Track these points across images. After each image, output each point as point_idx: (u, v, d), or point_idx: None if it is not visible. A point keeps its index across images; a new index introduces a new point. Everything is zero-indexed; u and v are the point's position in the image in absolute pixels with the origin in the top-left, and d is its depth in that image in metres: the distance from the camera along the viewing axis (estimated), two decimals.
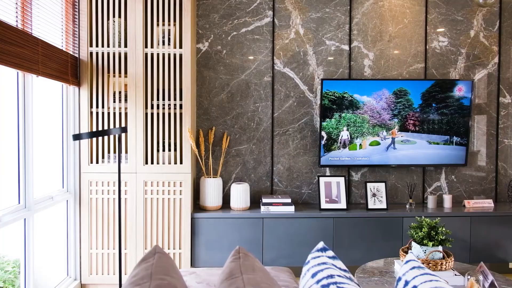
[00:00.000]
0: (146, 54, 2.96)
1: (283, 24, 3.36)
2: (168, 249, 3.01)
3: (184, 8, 2.95)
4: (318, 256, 1.20)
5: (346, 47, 3.39)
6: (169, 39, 2.98)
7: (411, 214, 3.14)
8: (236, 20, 3.34)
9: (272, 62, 3.36)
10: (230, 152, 3.38)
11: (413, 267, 1.14)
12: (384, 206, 3.21)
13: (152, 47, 2.97)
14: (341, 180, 3.25)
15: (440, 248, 2.09)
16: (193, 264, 3.05)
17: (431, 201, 3.29)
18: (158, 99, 2.99)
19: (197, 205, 3.25)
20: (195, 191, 3.24)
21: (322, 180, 3.25)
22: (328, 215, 3.10)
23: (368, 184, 3.25)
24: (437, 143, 3.31)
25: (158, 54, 2.97)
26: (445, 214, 3.17)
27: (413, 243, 2.15)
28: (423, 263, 2.05)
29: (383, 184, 3.25)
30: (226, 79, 3.35)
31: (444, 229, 2.09)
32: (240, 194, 3.16)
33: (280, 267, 2.16)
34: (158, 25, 3.00)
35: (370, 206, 3.21)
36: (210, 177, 3.19)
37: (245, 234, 3.06)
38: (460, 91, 3.29)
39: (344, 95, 3.17)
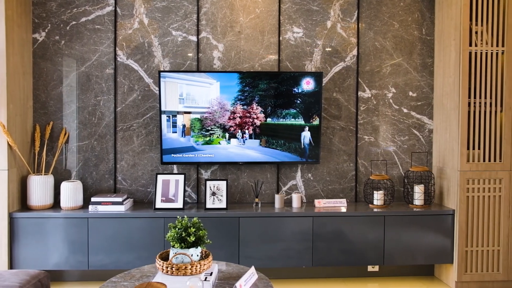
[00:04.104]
0: None
1: (126, 14, 3.19)
2: None
3: None
4: None
5: (194, 38, 3.22)
6: None
7: (248, 213, 2.96)
8: (75, 8, 3.16)
9: (115, 54, 3.18)
10: (70, 148, 3.19)
11: None
12: (223, 205, 3.03)
13: None
14: (181, 178, 3.07)
15: (191, 251, 1.91)
16: (13, 265, 2.87)
17: (277, 201, 3.12)
18: None
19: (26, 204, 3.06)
20: (24, 190, 3.05)
21: (160, 178, 3.07)
22: (159, 215, 2.93)
23: (208, 182, 3.07)
24: (286, 145, 3.14)
25: None
26: (285, 214, 2.98)
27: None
28: (167, 267, 1.88)
29: (224, 182, 3.08)
30: (65, 71, 3.17)
31: (194, 229, 1.91)
32: (70, 192, 2.98)
33: (27, 271, 1.98)
34: None
35: (209, 205, 3.03)
36: (40, 175, 3.01)
37: (70, 235, 2.88)
38: (308, 84, 3.12)
39: (166, 77, 2.98)
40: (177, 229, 1.92)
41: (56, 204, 3.09)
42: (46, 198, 2.99)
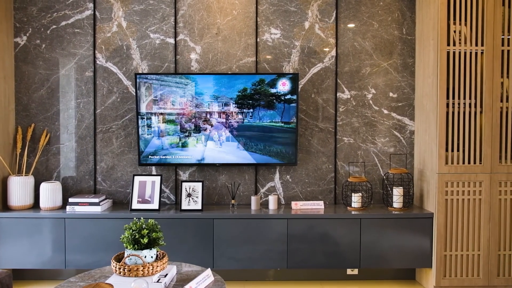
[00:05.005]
0: None
1: (104, 17, 3.23)
2: None
3: None
4: None
5: (172, 41, 3.24)
6: None
7: (222, 215, 2.96)
8: (55, 13, 3.22)
9: (94, 57, 3.23)
10: (51, 150, 3.25)
11: None
12: (199, 207, 3.05)
13: None
14: (157, 179, 3.10)
15: (144, 252, 1.92)
16: None
17: (253, 202, 3.11)
18: None
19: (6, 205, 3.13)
20: (4, 190, 3.12)
21: (137, 179, 3.10)
22: (135, 216, 2.95)
23: (184, 184, 3.09)
24: (265, 147, 3.13)
25: None
26: (259, 216, 2.97)
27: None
28: (119, 268, 1.90)
29: (200, 183, 3.09)
30: (46, 74, 3.23)
31: (147, 231, 1.93)
32: (49, 193, 3.04)
33: None
34: None
35: (184, 206, 3.05)
36: (21, 176, 3.07)
37: (48, 235, 2.93)
38: (284, 85, 3.10)
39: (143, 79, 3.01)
40: (131, 230, 1.94)
41: (36, 205, 3.15)
42: (26, 199, 3.06)
